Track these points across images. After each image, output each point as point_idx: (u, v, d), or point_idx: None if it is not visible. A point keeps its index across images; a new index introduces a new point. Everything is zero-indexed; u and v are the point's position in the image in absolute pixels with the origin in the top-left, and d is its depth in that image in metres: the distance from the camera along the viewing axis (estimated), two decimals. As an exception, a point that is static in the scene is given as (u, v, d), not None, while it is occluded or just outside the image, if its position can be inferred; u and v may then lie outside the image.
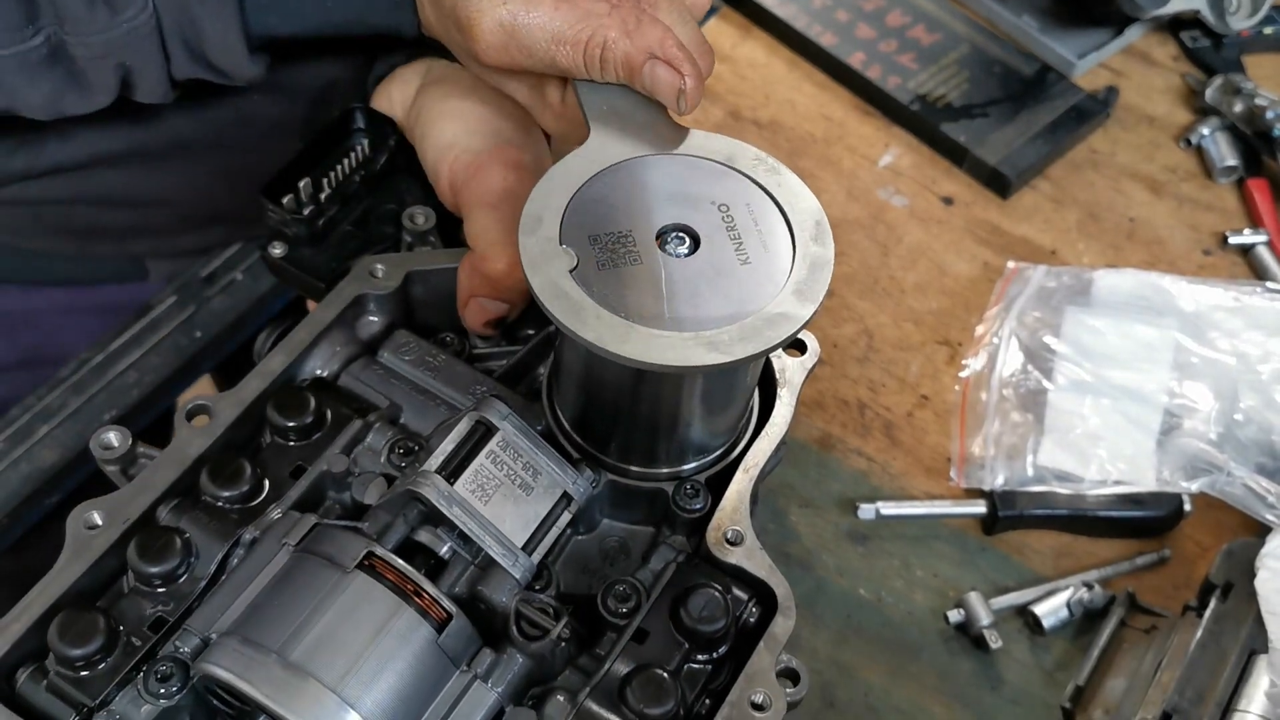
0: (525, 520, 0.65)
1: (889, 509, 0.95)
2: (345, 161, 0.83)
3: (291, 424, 0.72)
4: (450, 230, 0.84)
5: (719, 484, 0.71)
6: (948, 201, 1.18)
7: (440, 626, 0.60)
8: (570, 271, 0.60)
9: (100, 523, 0.66)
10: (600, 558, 0.71)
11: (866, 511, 0.95)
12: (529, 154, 0.80)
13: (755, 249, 0.63)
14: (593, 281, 0.60)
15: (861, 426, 1.02)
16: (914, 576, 0.94)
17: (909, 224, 1.16)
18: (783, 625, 0.66)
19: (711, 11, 1.33)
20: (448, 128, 0.82)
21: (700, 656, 0.66)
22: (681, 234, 0.63)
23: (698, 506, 0.69)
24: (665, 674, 0.63)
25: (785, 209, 0.64)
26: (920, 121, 1.22)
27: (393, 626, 0.59)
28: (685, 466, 0.71)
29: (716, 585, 0.66)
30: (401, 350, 0.77)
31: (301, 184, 0.81)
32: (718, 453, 0.73)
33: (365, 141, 0.85)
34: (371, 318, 0.79)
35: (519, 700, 0.63)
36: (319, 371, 0.76)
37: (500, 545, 0.63)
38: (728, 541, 0.68)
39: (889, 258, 1.14)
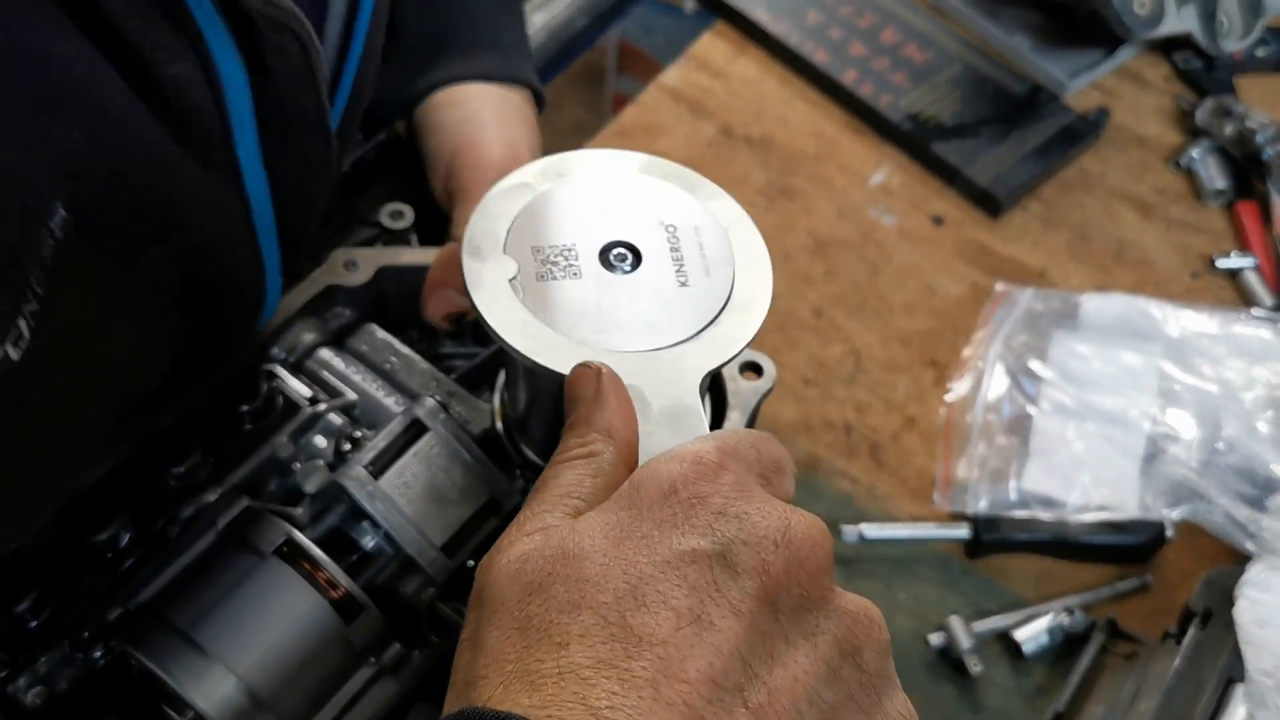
0: (448, 522, 0.65)
1: (872, 531, 0.96)
2: None
3: (243, 408, 0.72)
4: (429, 229, 0.85)
5: None
6: (938, 221, 1.19)
7: (350, 617, 0.61)
8: (510, 280, 0.60)
9: None
10: None
11: (849, 534, 0.95)
12: (532, 153, 0.81)
13: (696, 272, 0.62)
14: (530, 291, 0.59)
15: (847, 448, 1.02)
16: (896, 599, 0.95)
17: (899, 243, 1.17)
18: None
19: (705, 25, 1.33)
20: (457, 113, 0.83)
21: None
22: (625, 250, 0.62)
23: None
24: None
25: (732, 243, 0.64)
26: (912, 140, 1.22)
27: (301, 614, 0.60)
28: None
29: None
30: (366, 343, 0.78)
31: None
32: None
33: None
34: (342, 309, 0.79)
35: (426, 696, 0.64)
36: (283, 356, 0.77)
37: (418, 543, 0.64)
38: None
39: (878, 277, 1.14)
